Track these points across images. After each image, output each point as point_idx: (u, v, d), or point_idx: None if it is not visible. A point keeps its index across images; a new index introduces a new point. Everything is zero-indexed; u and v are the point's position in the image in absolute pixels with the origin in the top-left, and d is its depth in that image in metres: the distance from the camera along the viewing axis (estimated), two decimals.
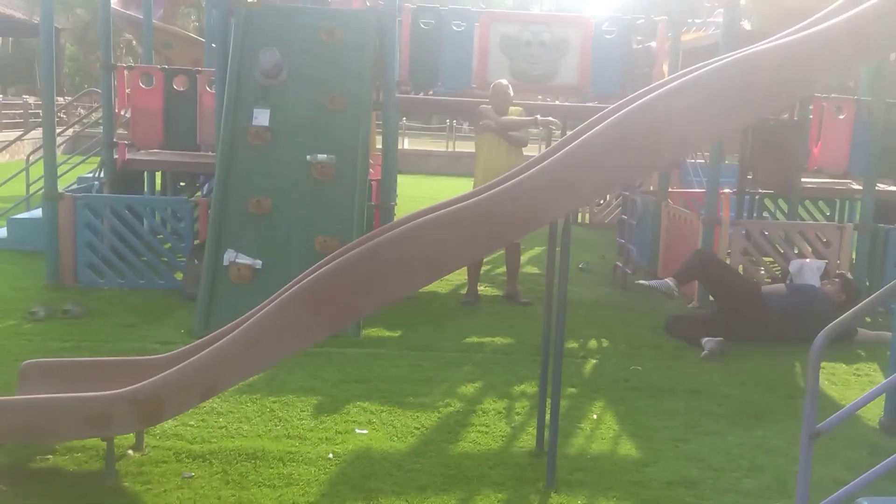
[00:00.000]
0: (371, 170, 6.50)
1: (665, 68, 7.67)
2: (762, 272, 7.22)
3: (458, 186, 15.24)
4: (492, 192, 3.18)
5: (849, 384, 4.98)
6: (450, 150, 21.54)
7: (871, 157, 6.84)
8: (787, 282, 6.63)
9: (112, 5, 12.36)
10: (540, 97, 9.00)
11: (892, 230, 6.86)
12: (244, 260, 5.51)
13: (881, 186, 7.69)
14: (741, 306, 5.77)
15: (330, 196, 5.77)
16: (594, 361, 5.23)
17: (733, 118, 3.17)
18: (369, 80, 6.18)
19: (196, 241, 6.44)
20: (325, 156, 5.81)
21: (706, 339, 5.49)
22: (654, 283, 5.75)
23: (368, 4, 8.24)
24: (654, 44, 7.09)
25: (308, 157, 5.81)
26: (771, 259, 7.22)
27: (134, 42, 22.63)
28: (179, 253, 6.75)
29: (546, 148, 12.43)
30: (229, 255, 5.52)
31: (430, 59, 7.60)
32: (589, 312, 6.45)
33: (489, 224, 3.08)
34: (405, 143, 21.86)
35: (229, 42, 6.04)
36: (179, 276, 6.47)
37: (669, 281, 5.77)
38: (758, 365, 5.25)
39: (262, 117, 5.87)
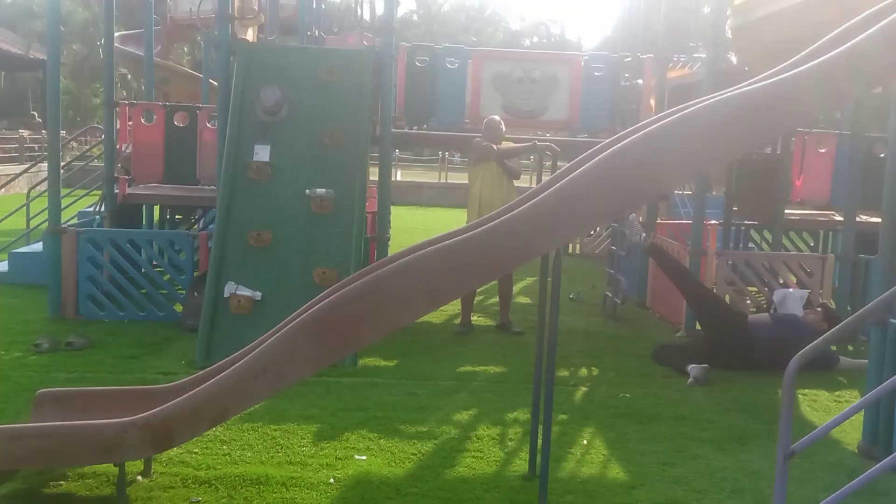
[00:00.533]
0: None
1: (652, 103, 7.95)
2: (747, 301, 7.43)
3: (451, 217, 15.55)
4: (487, 226, 3.37)
5: (829, 410, 5.15)
6: (442, 181, 21.82)
7: (851, 189, 7.08)
8: (772, 311, 6.83)
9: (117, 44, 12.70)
10: (539, 132, 9.30)
11: (873, 261, 7.07)
12: (244, 292, 5.67)
13: (862, 217, 7.94)
14: (727, 335, 5.95)
15: (328, 229, 5.96)
16: (584, 389, 5.39)
17: (723, 152, 3.38)
18: (367, 116, 6.40)
19: (196, 274, 6.60)
20: (324, 190, 6.01)
21: (691, 366, 5.67)
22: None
23: (365, 43, 8.52)
24: (641, 81, 7.35)
25: (307, 191, 6.01)
26: (755, 289, 7.43)
27: (129, 76, 22.89)
28: (179, 285, 6.91)
29: (538, 179, 12.70)
30: (230, 287, 5.69)
31: (425, 95, 7.86)
32: (579, 341, 6.62)
33: (485, 256, 3.26)
34: (398, 175, 22.13)
35: (231, 80, 6.25)
36: (179, 307, 6.62)
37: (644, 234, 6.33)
38: (742, 392, 5.42)
39: (262, 153, 6.07)
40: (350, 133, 6.24)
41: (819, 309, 6.31)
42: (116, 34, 12.91)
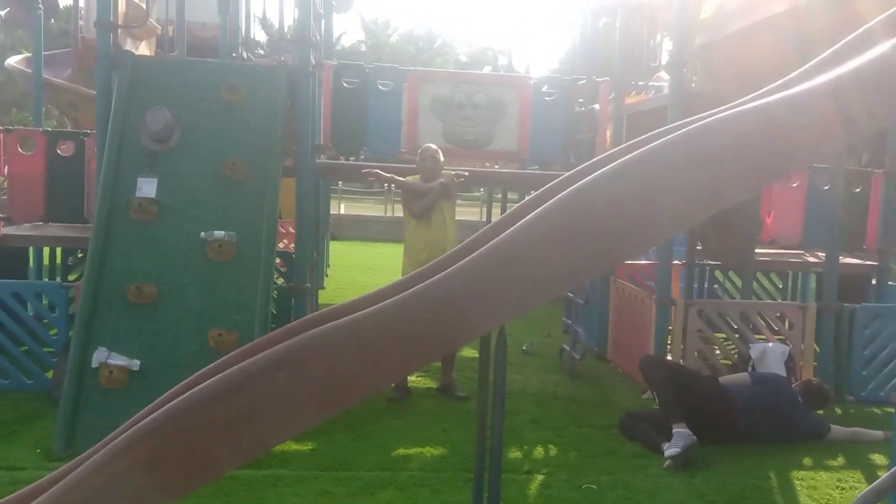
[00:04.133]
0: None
1: (609, 132, 7.10)
2: (717, 352, 6.52)
3: (396, 253, 14.43)
4: (407, 294, 2.36)
5: (834, 502, 4.24)
6: (388, 214, 20.79)
7: (832, 229, 6.28)
8: (750, 369, 5.96)
9: (17, 64, 11.46)
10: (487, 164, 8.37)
11: (859, 309, 6.28)
12: (118, 360, 4.56)
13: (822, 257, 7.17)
14: (704, 406, 5.03)
15: (228, 281, 4.90)
16: (541, 477, 4.39)
17: (743, 181, 2.42)
18: (279, 144, 5.37)
19: (71, 334, 5.44)
20: (224, 233, 4.96)
21: (667, 444, 4.73)
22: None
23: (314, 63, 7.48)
24: (597, 106, 6.49)
25: (203, 234, 4.94)
26: (724, 336, 6.52)
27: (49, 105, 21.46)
28: (51, 347, 5.72)
29: (488, 212, 11.72)
30: (100, 355, 4.57)
31: (355, 122, 6.87)
32: (534, 408, 5.64)
33: (399, 341, 2.26)
34: (341, 208, 21.06)
35: (111, 100, 5.18)
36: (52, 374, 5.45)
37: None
38: (727, 477, 4.48)
39: (147, 188, 5.00)
40: (257, 164, 5.21)
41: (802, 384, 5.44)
42: (20, 56, 11.75)
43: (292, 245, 7.99)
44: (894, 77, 2.25)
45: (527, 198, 2.80)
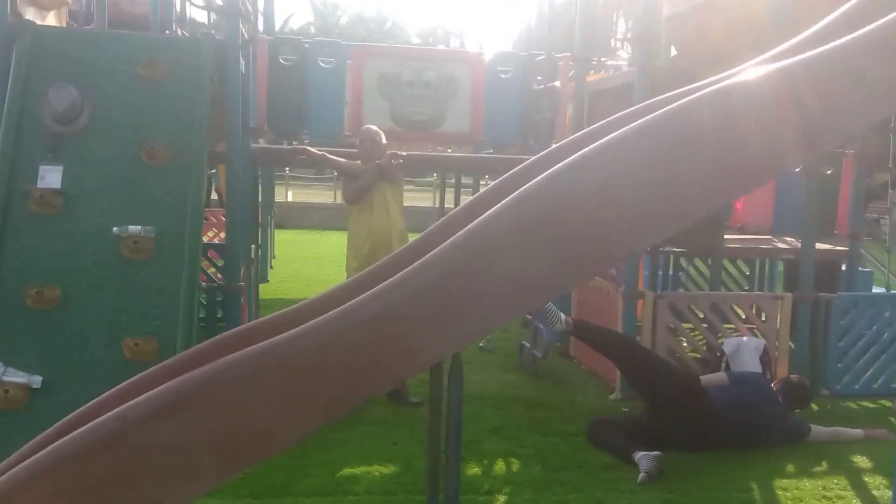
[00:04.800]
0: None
1: (569, 113, 6.62)
2: (684, 344, 6.09)
3: (346, 242, 13.78)
4: (331, 314, 1.83)
5: None
6: (337, 201, 20.12)
7: (807, 215, 5.91)
8: (724, 366, 5.57)
9: None
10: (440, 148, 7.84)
11: (835, 299, 5.93)
12: (15, 377, 3.94)
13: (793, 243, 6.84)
14: (682, 408, 4.62)
15: (146, 282, 4.29)
16: (502, 498, 3.92)
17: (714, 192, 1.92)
18: (205, 126, 4.76)
19: None
20: (140, 227, 4.35)
21: (640, 454, 4.30)
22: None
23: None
24: (558, 83, 5.99)
25: (116, 229, 4.32)
26: (692, 327, 6.11)
27: None
28: None
29: (441, 198, 11.12)
30: None
31: (294, 102, 6.29)
32: (493, 414, 5.16)
33: (318, 375, 1.74)
34: (289, 195, 20.37)
35: (8, 76, 4.51)
36: None
37: (564, 317, 5.06)
38: (708, 490, 4.07)
39: (51, 177, 4.36)
40: (180, 148, 4.60)
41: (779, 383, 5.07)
42: None
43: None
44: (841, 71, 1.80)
45: (483, 189, 2.31)
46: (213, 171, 10.78)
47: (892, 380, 5.85)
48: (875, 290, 7.55)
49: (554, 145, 3.13)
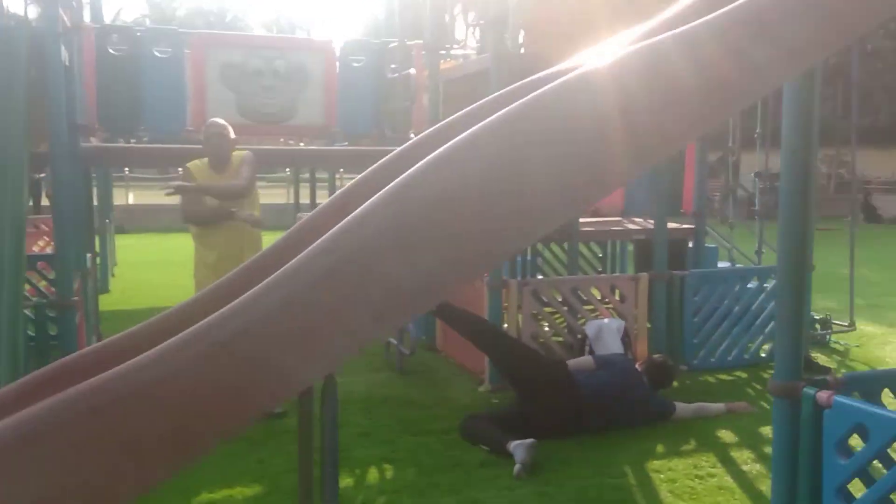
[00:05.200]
0: None
1: (425, 101, 6.48)
2: (546, 329, 6.11)
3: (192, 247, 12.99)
4: (178, 338, 1.55)
5: (696, 494, 3.92)
6: None
7: (660, 196, 6.07)
8: (587, 349, 5.63)
9: None
10: (291, 142, 7.45)
11: (688, 276, 6.13)
12: None
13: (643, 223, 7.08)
14: (550, 396, 4.60)
15: None
16: None
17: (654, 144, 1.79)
18: (22, 123, 4.23)
19: None
20: None
21: (514, 443, 4.22)
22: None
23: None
24: (413, 71, 5.83)
25: None
26: (554, 311, 6.15)
27: None
28: None
29: (296, 194, 10.67)
30: None
31: (128, 97, 5.77)
32: (362, 417, 4.95)
33: (161, 415, 1.46)
34: (130, 198, 19.15)
35: None
36: None
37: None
38: (583, 479, 4.04)
39: None
40: None
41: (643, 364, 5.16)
42: None
43: None
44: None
45: (349, 183, 2.09)
46: (42, 174, 9.89)
47: (744, 351, 6.13)
48: (720, 265, 7.92)
49: (413, 136, 2.94)
